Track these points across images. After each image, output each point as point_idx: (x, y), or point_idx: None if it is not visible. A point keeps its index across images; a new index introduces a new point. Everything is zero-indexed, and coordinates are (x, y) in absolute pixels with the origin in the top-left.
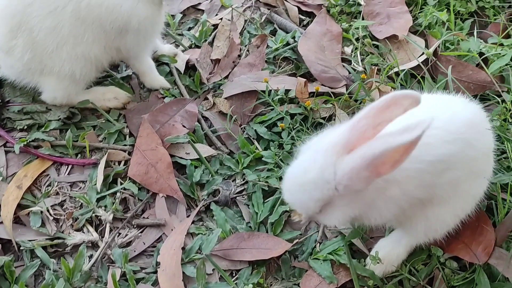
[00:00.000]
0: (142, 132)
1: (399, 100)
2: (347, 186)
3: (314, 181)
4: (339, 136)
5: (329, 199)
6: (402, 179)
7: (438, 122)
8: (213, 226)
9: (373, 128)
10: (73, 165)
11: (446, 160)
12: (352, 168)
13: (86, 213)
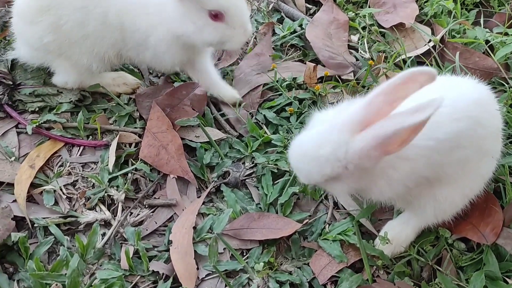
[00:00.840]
0: (152, 115)
1: (415, 76)
2: (357, 165)
3: (326, 157)
4: (355, 113)
5: (337, 175)
6: (412, 157)
7: (447, 101)
8: (224, 207)
9: (390, 105)
10: (85, 146)
11: (455, 138)
12: (363, 148)
13: (99, 192)
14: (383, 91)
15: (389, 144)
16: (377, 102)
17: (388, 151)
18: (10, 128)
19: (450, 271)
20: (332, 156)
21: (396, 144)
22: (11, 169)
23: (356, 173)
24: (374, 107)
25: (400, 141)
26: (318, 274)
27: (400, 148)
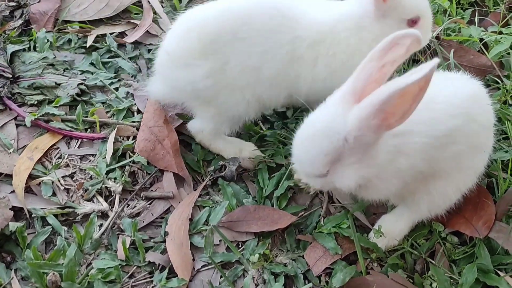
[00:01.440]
0: (149, 108)
1: (400, 39)
2: (357, 137)
3: (323, 131)
4: (348, 84)
5: (339, 153)
6: (409, 152)
7: (442, 97)
8: (220, 200)
9: (379, 70)
10: (83, 139)
11: (451, 134)
12: (361, 117)
13: (96, 184)
14: (371, 58)
15: (389, 114)
16: (367, 69)
17: (390, 124)
18: (9, 120)
19: (443, 264)
20: (329, 129)
21: (398, 115)
22: (10, 161)
23: (358, 152)
24: (365, 74)
25: (401, 112)
26: (313, 266)
27: (402, 120)
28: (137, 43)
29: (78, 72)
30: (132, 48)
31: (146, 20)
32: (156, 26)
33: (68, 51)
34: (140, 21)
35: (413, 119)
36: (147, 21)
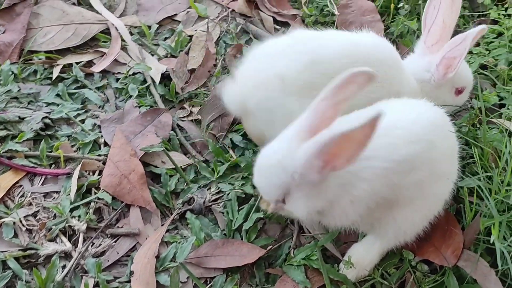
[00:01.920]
0: (115, 143)
1: (354, 77)
2: (302, 174)
3: (274, 166)
4: (302, 120)
5: (287, 187)
6: (370, 177)
7: (403, 123)
8: (188, 234)
9: (333, 108)
10: (47, 175)
11: (411, 160)
12: (305, 156)
13: (60, 223)
14: (325, 95)
15: (333, 156)
16: (321, 107)
17: (335, 165)
18: None
19: None
20: (280, 164)
21: (343, 158)
22: None
23: (306, 188)
24: (319, 111)
25: (347, 155)
26: None
27: (348, 163)
28: (105, 72)
29: (43, 104)
30: (100, 77)
31: (114, 48)
32: (125, 54)
33: (34, 83)
34: (108, 49)
35: (372, 145)
36: (115, 49)
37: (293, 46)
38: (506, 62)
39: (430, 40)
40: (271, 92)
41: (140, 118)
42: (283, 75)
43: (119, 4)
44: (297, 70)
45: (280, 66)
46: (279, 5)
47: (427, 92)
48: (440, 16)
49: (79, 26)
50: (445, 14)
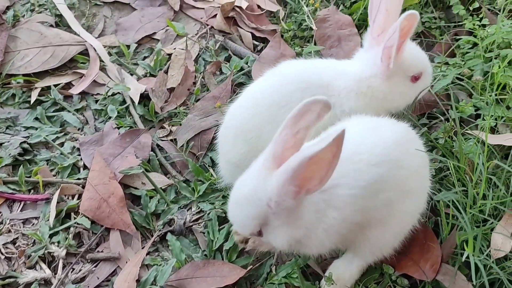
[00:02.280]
0: (94, 166)
1: (310, 106)
2: (277, 202)
3: (247, 197)
4: (268, 150)
5: (265, 217)
6: (339, 205)
7: (365, 147)
8: (169, 256)
9: (293, 137)
10: (26, 201)
11: (377, 182)
12: (278, 183)
13: (39, 250)
14: (285, 126)
15: (306, 180)
16: (282, 137)
17: (309, 188)
18: None
19: None
20: (252, 195)
21: (316, 180)
22: None
23: (283, 215)
24: (281, 142)
25: (319, 177)
26: None
27: (321, 184)
28: (84, 93)
29: (22, 128)
30: (79, 99)
31: (92, 69)
32: (104, 74)
33: (12, 107)
34: (86, 70)
35: (338, 173)
36: (94, 70)
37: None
38: (481, 72)
39: (375, 31)
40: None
41: (119, 139)
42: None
43: (97, 24)
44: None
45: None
46: (257, 21)
47: (378, 88)
48: (383, 4)
49: (57, 48)
50: (388, 2)
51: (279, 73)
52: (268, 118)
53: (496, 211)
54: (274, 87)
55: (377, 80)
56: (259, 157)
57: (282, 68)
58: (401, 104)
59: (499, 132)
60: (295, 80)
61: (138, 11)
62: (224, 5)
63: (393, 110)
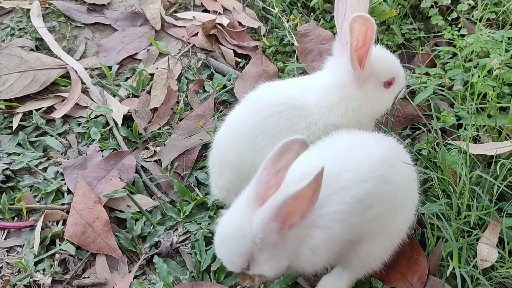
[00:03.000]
0: (78, 191)
1: (289, 146)
2: (262, 238)
3: (233, 235)
4: (250, 189)
5: (251, 253)
6: (325, 224)
7: (352, 165)
8: (156, 279)
9: (275, 176)
10: (10, 229)
11: (365, 199)
12: (262, 220)
13: (24, 278)
14: (266, 166)
15: (289, 215)
16: (264, 176)
17: (292, 223)
18: None
19: None
20: (238, 233)
21: (298, 215)
22: None
23: (269, 249)
24: (263, 181)
25: (301, 212)
26: None
27: (303, 219)
28: (66, 116)
29: (4, 155)
30: (62, 123)
31: (74, 92)
32: (86, 97)
33: None
34: (68, 93)
35: (324, 192)
36: (76, 93)
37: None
38: (461, 82)
39: (343, 38)
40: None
41: (103, 162)
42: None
43: (79, 46)
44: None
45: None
46: (239, 38)
47: (352, 97)
48: (348, 11)
49: (38, 72)
50: (354, 8)
51: (253, 99)
52: (248, 146)
53: (481, 221)
54: (249, 114)
55: (348, 90)
56: (242, 195)
57: (256, 93)
58: (381, 109)
59: (481, 142)
60: (269, 105)
61: (119, 31)
62: (205, 23)
63: (375, 115)
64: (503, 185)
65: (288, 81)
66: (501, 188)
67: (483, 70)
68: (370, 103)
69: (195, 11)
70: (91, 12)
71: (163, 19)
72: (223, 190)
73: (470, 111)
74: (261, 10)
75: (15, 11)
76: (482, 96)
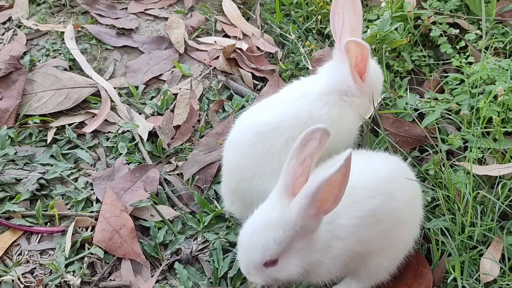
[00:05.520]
0: (106, 200)
1: (311, 135)
2: (302, 226)
3: (270, 225)
4: (281, 182)
5: (289, 242)
6: (344, 235)
7: (361, 183)
8: (177, 284)
9: (301, 165)
10: (43, 233)
11: (374, 214)
12: (301, 208)
13: (56, 279)
14: (292, 156)
15: (323, 201)
16: (290, 167)
17: (326, 209)
18: None
19: None
20: (276, 222)
21: (331, 200)
22: None
23: (305, 238)
24: (291, 172)
25: (333, 197)
26: None
27: (335, 204)
28: (96, 131)
29: (38, 165)
30: (91, 137)
31: (104, 109)
32: (114, 114)
33: (29, 145)
34: (98, 110)
35: (340, 206)
36: (105, 110)
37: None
38: (468, 107)
39: (343, 47)
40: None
41: (129, 174)
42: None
43: (108, 67)
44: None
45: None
46: (257, 62)
47: (350, 103)
48: (346, 21)
49: (71, 90)
50: (351, 19)
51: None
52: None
53: (485, 238)
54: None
55: (351, 98)
56: (273, 190)
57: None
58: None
59: (487, 163)
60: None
61: (145, 54)
62: (226, 47)
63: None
64: (504, 205)
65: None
66: (502, 207)
67: (489, 96)
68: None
69: (216, 36)
70: (120, 35)
71: (187, 43)
72: (237, 210)
73: (476, 135)
74: (278, 36)
75: (50, 34)
76: (488, 120)
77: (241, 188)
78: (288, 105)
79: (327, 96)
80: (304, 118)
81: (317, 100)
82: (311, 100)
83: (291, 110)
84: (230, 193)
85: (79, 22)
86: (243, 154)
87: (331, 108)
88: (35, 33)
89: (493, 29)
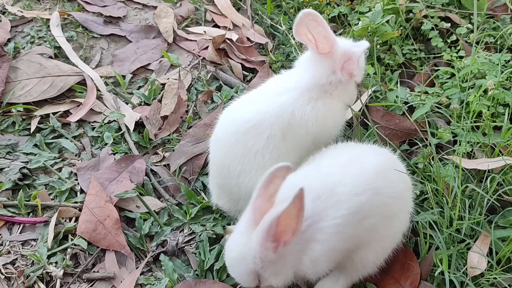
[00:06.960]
0: (91, 190)
1: (275, 173)
2: (261, 258)
3: (237, 258)
4: (247, 218)
5: (255, 272)
6: (323, 237)
7: (346, 180)
8: (162, 276)
9: (268, 202)
10: (25, 224)
11: (360, 210)
12: (257, 242)
13: (37, 270)
14: (258, 194)
15: (280, 234)
16: (258, 204)
17: (285, 241)
18: None
19: None
20: (240, 255)
21: (289, 233)
22: None
23: (270, 265)
24: (257, 208)
25: (291, 230)
26: None
27: (294, 235)
28: (81, 121)
29: (21, 154)
30: (76, 127)
31: (89, 98)
32: (100, 103)
33: (12, 134)
34: (84, 99)
35: (320, 207)
36: (91, 99)
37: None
38: (458, 101)
39: (324, 49)
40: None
41: (115, 165)
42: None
43: (95, 55)
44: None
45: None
46: (247, 53)
47: (332, 93)
48: (316, 34)
49: (56, 78)
50: (319, 30)
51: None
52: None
53: (473, 232)
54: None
55: (335, 88)
56: (242, 220)
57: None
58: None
59: (476, 157)
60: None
61: (133, 43)
62: (216, 37)
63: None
64: (493, 199)
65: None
66: (491, 201)
67: (479, 90)
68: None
69: (206, 26)
70: (107, 24)
71: (176, 33)
72: (226, 205)
73: (466, 129)
74: (269, 27)
75: (35, 21)
76: (478, 114)
77: (228, 184)
78: (267, 101)
79: (310, 92)
80: (287, 117)
81: (300, 97)
82: (293, 98)
83: (272, 107)
84: (218, 187)
85: (66, 9)
86: (226, 152)
87: (316, 103)
88: (20, 19)
89: (485, 24)
